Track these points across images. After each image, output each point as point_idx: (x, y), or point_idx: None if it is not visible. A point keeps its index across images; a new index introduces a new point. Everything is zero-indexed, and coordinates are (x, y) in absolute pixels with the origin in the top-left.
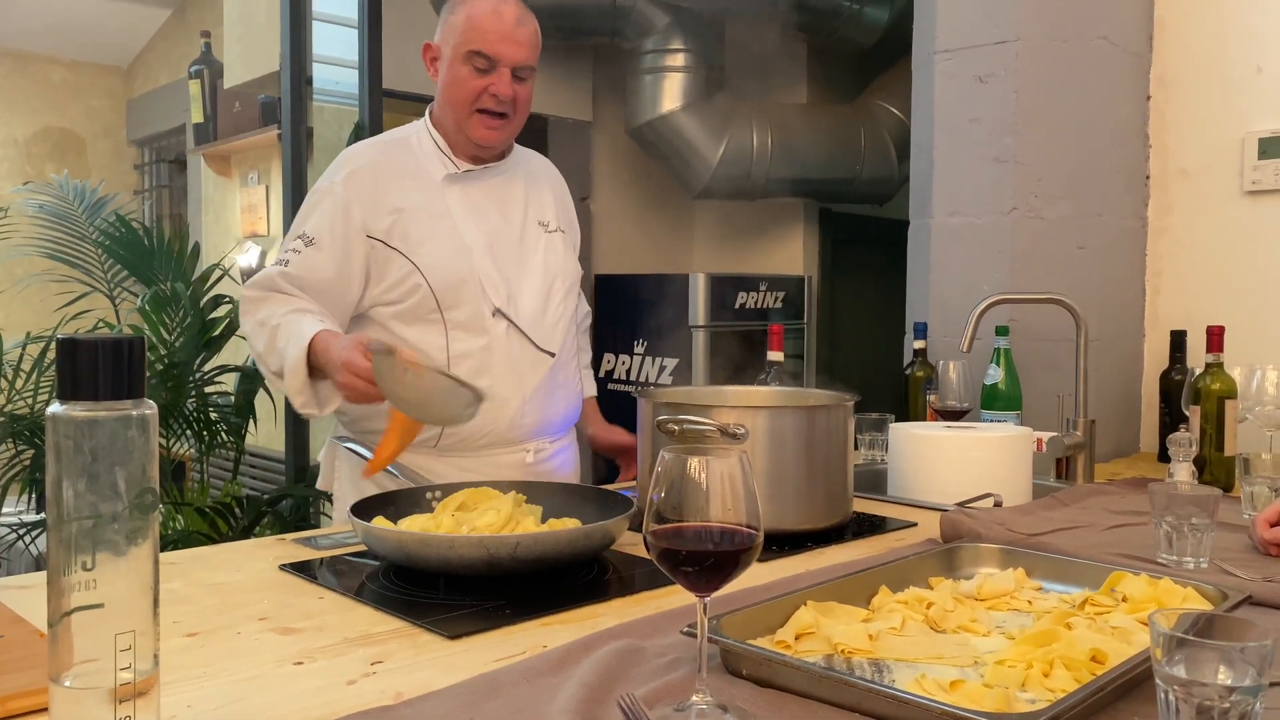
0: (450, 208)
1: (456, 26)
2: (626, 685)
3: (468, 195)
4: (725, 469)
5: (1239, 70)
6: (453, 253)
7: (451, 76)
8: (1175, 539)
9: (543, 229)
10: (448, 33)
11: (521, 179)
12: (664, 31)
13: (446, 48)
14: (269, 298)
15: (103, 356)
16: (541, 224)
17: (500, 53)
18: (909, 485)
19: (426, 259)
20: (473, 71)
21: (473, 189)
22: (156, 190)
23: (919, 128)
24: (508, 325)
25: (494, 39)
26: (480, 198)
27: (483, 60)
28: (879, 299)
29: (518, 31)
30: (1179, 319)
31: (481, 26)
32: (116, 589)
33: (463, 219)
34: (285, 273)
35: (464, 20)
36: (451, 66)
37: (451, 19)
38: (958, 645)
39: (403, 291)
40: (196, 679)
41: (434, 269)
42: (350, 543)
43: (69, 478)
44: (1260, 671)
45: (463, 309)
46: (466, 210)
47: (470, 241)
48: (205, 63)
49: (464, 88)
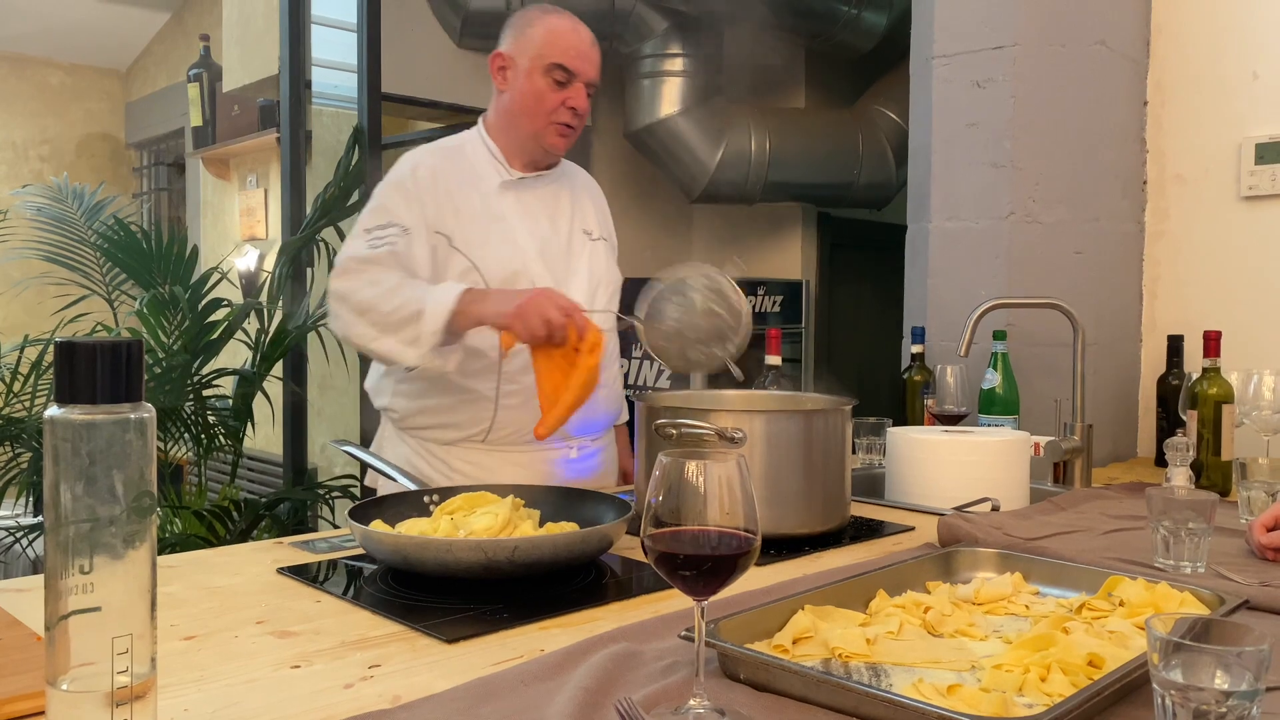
0: (505, 212)
1: (536, 39)
2: (624, 689)
3: (521, 201)
4: (723, 473)
5: (1236, 76)
6: (510, 254)
7: (530, 87)
8: (1172, 543)
9: (587, 237)
10: (524, 44)
11: (567, 189)
12: (662, 36)
13: (524, 58)
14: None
15: (101, 360)
16: (586, 232)
17: (580, 68)
18: (907, 489)
19: (485, 259)
20: (552, 84)
21: (525, 196)
22: (155, 193)
23: (917, 132)
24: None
25: (574, 55)
26: (533, 204)
27: (563, 73)
28: (877, 303)
29: (593, 51)
30: (1176, 324)
31: (563, 42)
32: (114, 592)
33: (517, 223)
34: (394, 253)
35: (544, 34)
36: (530, 78)
37: (530, 31)
38: (955, 649)
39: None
40: (194, 682)
41: (493, 269)
42: (348, 546)
43: (67, 481)
44: (1257, 676)
45: None
46: (520, 215)
47: (524, 244)
48: (204, 66)
49: (544, 99)
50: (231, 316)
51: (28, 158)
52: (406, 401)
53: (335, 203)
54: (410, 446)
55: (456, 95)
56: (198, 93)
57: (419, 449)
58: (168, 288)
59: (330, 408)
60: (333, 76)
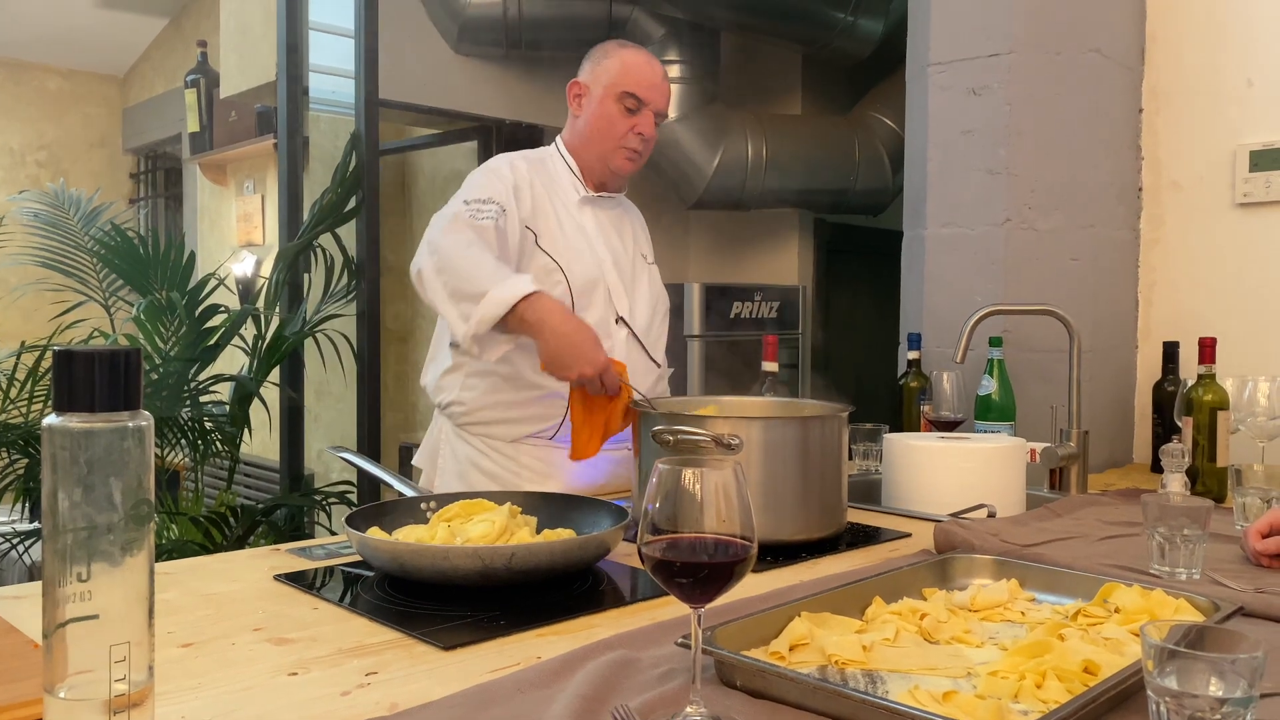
0: (585, 224)
1: (611, 70)
2: (621, 696)
3: (597, 218)
4: (719, 480)
5: (1230, 83)
6: (590, 260)
7: (602, 112)
8: (1168, 550)
9: (644, 260)
10: (600, 74)
11: (627, 215)
12: (660, 42)
13: (598, 87)
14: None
15: (99, 368)
16: (643, 255)
17: (650, 97)
18: (903, 496)
19: (570, 263)
20: (623, 111)
21: (600, 213)
22: (152, 199)
23: (912, 139)
24: (628, 333)
25: (646, 85)
26: (605, 222)
27: (633, 101)
28: (874, 309)
29: (663, 83)
30: (1171, 330)
31: (635, 73)
32: (112, 600)
33: (594, 236)
34: (495, 227)
35: (620, 65)
36: (603, 104)
37: (606, 62)
38: (951, 656)
39: (545, 286)
40: (191, 690)
41: (575, 270)
42: (345, 553)
43: (65, 489)
44: (1251, 683)
45: (593, 312)
46: (596, 230)
47: (602, 256)
48: (201, 72)
49: (615, 124)
50: (228, 322)
51: (25, 163)
52: (476, 396)
53: (332, 209)
54: (474, 445)
55: (453, 101)
56: (195, 98)
57: (485, 446)
58: (165, 294)
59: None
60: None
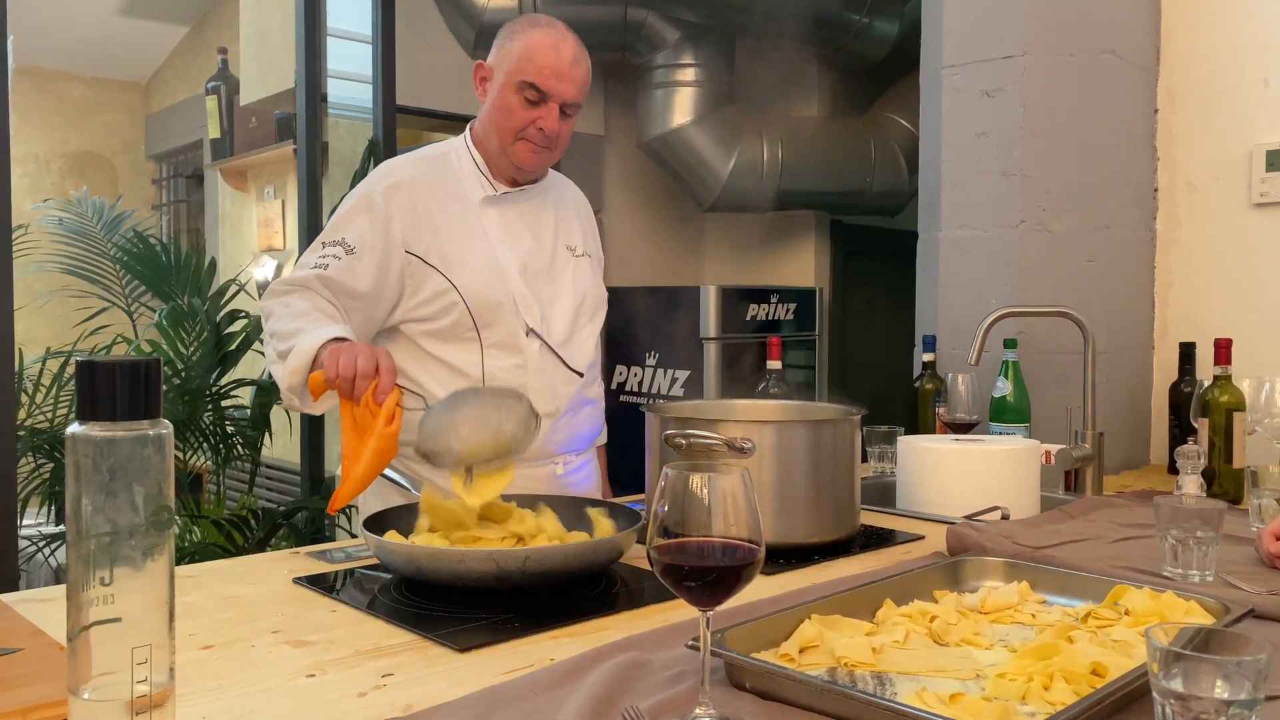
0: (486, 228)
1: (513, 54)
2: (632, 698)
3: (503, 216)
4: (728, 485)
5: (1246, 83)
6: (490, 274)
7: (502, 102)
8: (1181, 552)
9: (570, 253)
10: (503, 58)
11: (551, 203)
12: (675, 46)
13: (500, 72)
14: (302, 291)
15: (120, 379)
16: (570, 248)
17: (553, 88)
18: (917, 498)
19: (464, 279)
20: (523, 102)
21: (508, 211)
22: (174, 205)
23: (927, 142)
24: (540, 345)
25: (549, 74)
26: (514, 219)
27: (534, 93)
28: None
29: (573, 70)
30: (1188, 331)
31: (538, 60)
32: (133, 603)
33: (498, 240)
34: (324, 276)
35: (521, 49)
36: (503, 93)
37: (509, 45)
38: (960, 658)
39: (438, 309)
40: (211, 691)
41: (471, 289)
42: (363, 556)
43: (88, 495)
44: (1256, 685)
45: (498, 329)
46: (502, 231)
47: (505, 263)
48: (222, 79)
49: (513, 116)
50: (249, 328)
51: (49, 170)
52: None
53: None
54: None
55: (470, 107)
56: (216, 105)
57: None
58: (186, 300)
59: None
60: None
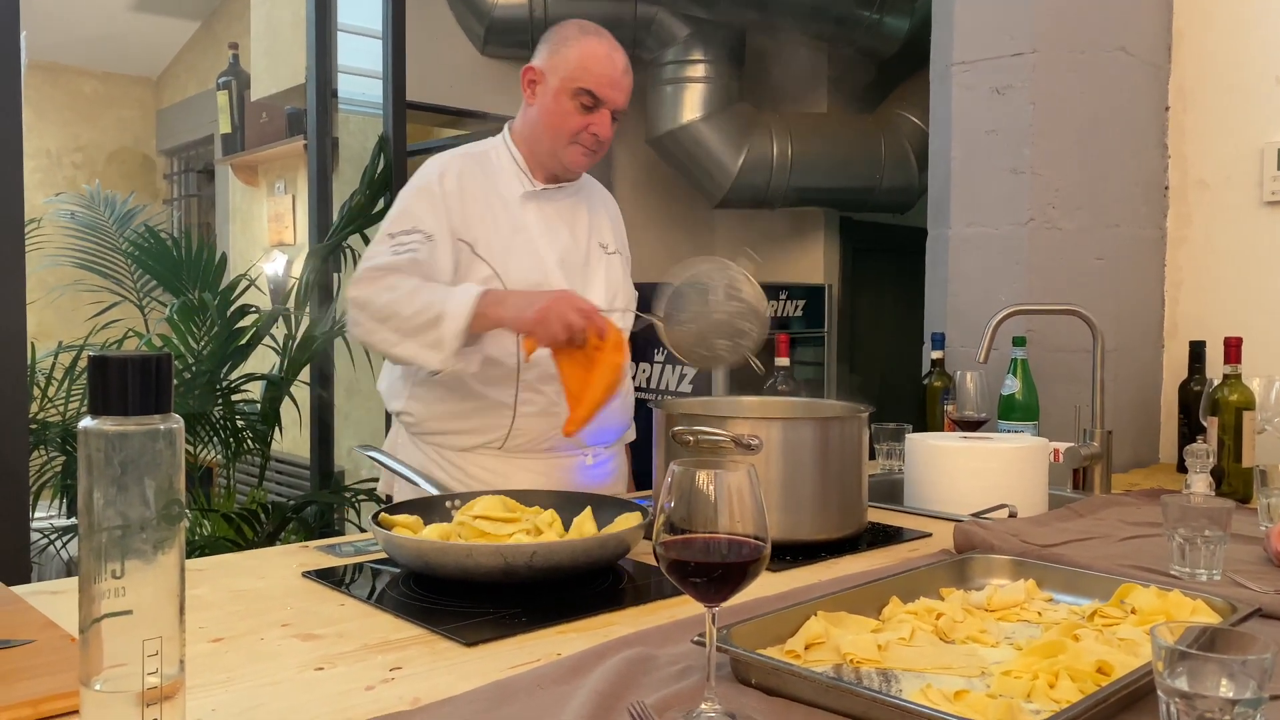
0: (527, 222)
1: (569, 61)
2: (637, 693)
3: (541, 211)
4: (734, 482)
5: (1258, 81)
6: (531, 265)
7: (557, 107)
8: (1188, 551)
9: (603, 250)
10: (558, 63)
11: (585, 202)
12: (685, 42)
13: (554, 77)
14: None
15: (131, 373)
16: (602, 245)
17: (608, 96)
18: (925, 495)
19: (509, 269)
20: (578, 108)
21: (546, 207)
22: (185, 199)
23: (937, 139)
24: None
25: (605, 83)
26: (553, 215)
27: (590, 99)
28: (900, 307)
29: (624, 79)
30: (1198, 330)
31: (594, 69)
32: (144, 596)
33: (538, 234)
34: (416, 260)
35: (578, 57)
36: (557, 98)
37: (565, 51)
38: (965, 656)
39: None
40: (221, 683)
41: (515, 280)
42: (372, 550)
43: (100, 488)
44: (1261, 684)
45: None
46: (541, 226)
47: (545, 255)
48: (233, 74)
49: (568, 121)
50: (260, 323)
51: (61, 165)
52: (423, 407)
53: (361, 209)
54: (425, 452)
55: (480, 103)
56: (227, 100)
57: (435, 455)
58: (197, 294)
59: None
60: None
